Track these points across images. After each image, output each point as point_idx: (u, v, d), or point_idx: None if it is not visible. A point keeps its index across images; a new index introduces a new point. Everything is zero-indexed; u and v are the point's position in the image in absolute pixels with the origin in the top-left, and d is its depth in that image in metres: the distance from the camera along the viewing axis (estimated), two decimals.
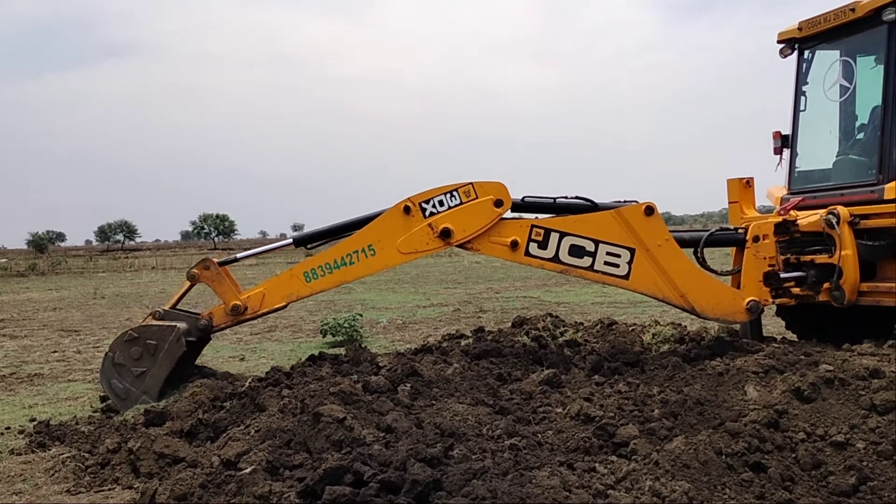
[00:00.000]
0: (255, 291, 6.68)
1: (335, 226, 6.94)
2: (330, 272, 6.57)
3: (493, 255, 6.67)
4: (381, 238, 6.53)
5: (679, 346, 7.15)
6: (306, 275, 6.59)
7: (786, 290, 6.90)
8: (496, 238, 6.59)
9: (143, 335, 6.42)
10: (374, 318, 14.51)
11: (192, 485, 4.22)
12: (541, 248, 6.57)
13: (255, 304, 6.63)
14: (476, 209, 6.54)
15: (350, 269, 6.56)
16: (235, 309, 6.57)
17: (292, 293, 6.64)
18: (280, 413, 5.05)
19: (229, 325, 6.73)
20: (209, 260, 6.76)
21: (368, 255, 6.53)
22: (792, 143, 8.02)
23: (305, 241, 7.03)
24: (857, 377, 4.61)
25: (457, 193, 6.54)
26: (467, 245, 6.62)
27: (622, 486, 3.86)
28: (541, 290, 19.85)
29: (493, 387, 5.86)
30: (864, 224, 6.65)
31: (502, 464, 4.10)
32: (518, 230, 6.59)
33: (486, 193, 6.55)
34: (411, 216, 6.52)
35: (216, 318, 6.65)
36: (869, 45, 7.37)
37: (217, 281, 6.67)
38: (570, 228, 6.56)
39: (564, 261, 6.56)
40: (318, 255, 6.72)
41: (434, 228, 6.50)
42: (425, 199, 6.55)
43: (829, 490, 3.82)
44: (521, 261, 6.64)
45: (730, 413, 4.56)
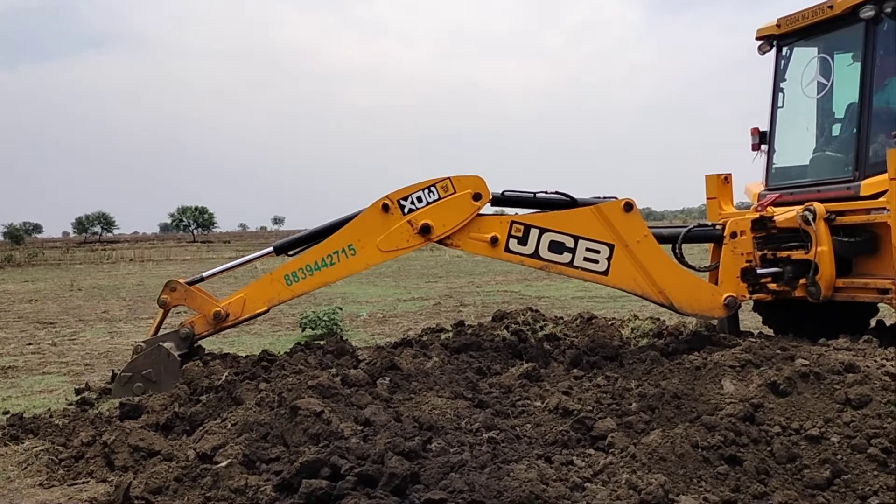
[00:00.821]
0: (235, 297, 6.65)
1: (315, 230, 6.91)
2: (311, 274, 6.53)
3: (473, 251, 6.66)
4: (360, 237, 6.50)
5: (657, 341, 7.19)
6: (287, 278, 6.55)
7: (762, 286, 6.95)
8: (476, 234, 6.58)
9: (136, 370, 6.42)
10: (355, 311, 14.48)
11: (168, 478, 4.20)
12: (521, 244, 6.56)
13: (237, 309, 6.62)
14: (455, 204, 6.52)
15: (331, 269, 6.53)
16: (217, 316, 6.55)
17: (273, 297, 6.63)
18: (257, 406, 5.02)
19: (212, 332, 6.71)
20: (173, 281, 6.75)
21: (349, 255, 6.50)
22: (770, 139, 8.08)
23: (286, 248, 6.98)
24: (833, 371, 4.64)
25: (434, 189, 6.52)
26: (447, 241, 6.60)
27: (599, 479, 3.88)
28: (522, 284, 19.89)
29: (472, 380, 5.86)
30: (840, 220, 6.70)
31: (480, 457, 4.11)
32: (498, 226, 6.58)
33: (464, 187, 6.53)
34: (390, 214, 6.50)
35: (198, 326, 6.64)
36: (846, 42, 7.43)
37: (189, 298, 6.68)
38: (550, 224, 6.56)
39: (544, 257, 6.56)
40: (297, 257, 6.68)
41: (413, 225, 6.48)
42: (403, 196, 6.52)
43: (804, 483, 3.85)
44: (501, 257, 6.62)
45: (706, 407, 4.59)
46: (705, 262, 7.28)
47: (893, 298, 6.26)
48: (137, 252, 53.91)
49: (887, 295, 6.36)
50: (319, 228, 6.86)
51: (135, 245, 73.27)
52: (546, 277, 21.05)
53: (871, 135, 6.96)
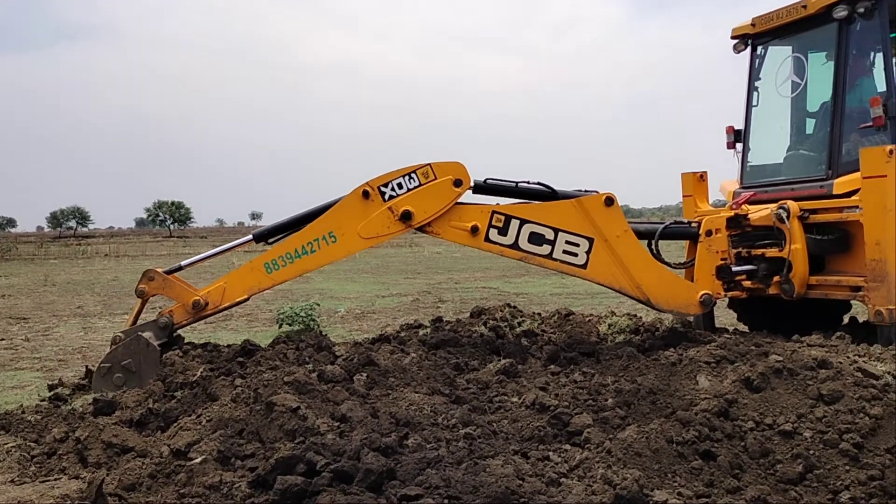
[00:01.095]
0: (214, 286, 6.56)
1: (294, 217, 6.82)
2: (291, 262, 6.47)
3: (453, 239, 6.63)
4: (341, 224, 6.45)
5: (634, 337, 7.22)
6: (267, 266, 6.49)
7: (737, 284, 7.02)
8: (457, 223, 6.56)
9: (115, 360, 6.31)
10: (333, 307, 14.43)
11: (141, 475, 4.16)
12: (501, 234, 6.55)
13: (216, 298, 6.52)
14: (435, 190, 6.49)
15: (311, 257, 6.48)
16: (196, 305, 6.45)
17: (253, 286, 6.55)
18: (232, 402, 4.99)
19: (191, 321, 6.62)
20: (152, 271, 6.63)
21: (329, 242, 6.44)
22: (744, 137, 8.17)
23: (265, 235, 6.90)
24: (806, 367, 4.69)
25: (415, 175, 6.48)
26: (427, 229, 6.57)
27: (575, 474, 3.90)
28: (500, 280, 19.93)
29: (449, 376, 5.87)
30: (814, 218, 6.78)
31: (457, 453, 4.11)
32: (479, 216, 6.56)
33: (445, 174, 6.51)
34: (370, 201, 6.45)
35: (177, 315, 6.54)
36: (820, 41, 7.52)
37: (167, 287, 6.56)
38: (530, 216, 6.56)
39: (524, 248, 6.55)
40: (277, 245, 6.61)
41: (394, 212, 6.44)
42: (384, 183, 6.47)
43: (777, 478, 3.90)
44: (480, 246, 6.61)
45: (681, 402, 4.63)
46: (681, 259, 7.34)
47: (866, 296, 6.35)
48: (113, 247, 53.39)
49: (859, 292, 6.45)
50: (299, 216, 6.79)
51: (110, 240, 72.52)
52: (525, 273, 21.11)
53: (844, 134, 7.06)
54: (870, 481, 3.77)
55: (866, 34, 7.09)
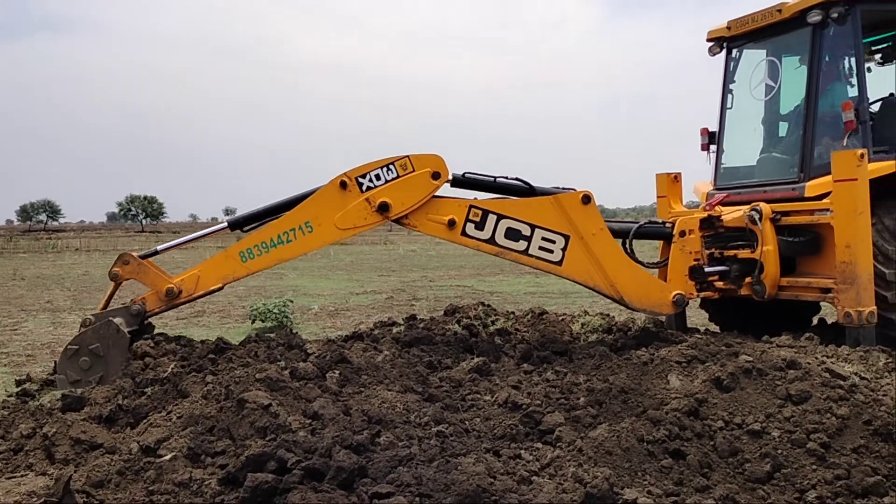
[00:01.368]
0: (188, 274, 6.48)
1: (270, 206, 6.76)
2: (266, 251, 6.41)
3: (429, 232, 6.61)
4: (317, 214, 6.40)
5: (607, 336, 7.25)
6: (242, 255, 6.42)
7: (710, 284, 7.07)
8: (434, 216, 6.53)
9: (84, 343, 6.20)
10: (306, 304, 14.37)
11: (110, 471, 4.11)
12: (478, 228, 6.54)
13: (190, 286, 6.44)
14: (413, 182, 6.46)
15: (287, 247, 6.42)
16: (170, 292, 6.37)
17: (228, 274, 6.48)
18: (204, 399, 4.94)
19: (163, 309, 6.53)
20: (127, 254, 6.53)
21: (306, 232, 6.39)
22: (718, 139, 8.23)
23: (240, 223, 6.82)
24: (775, 368, 4.74)
25: (393, 167, 6.44)
26: (404, 221, 6.54)
27: (546, 473, 3.91)
28: (475, 279, 19.95)
29: (422, 374, 5.85)
30: (786, 221, 6.86)
31: (429, 450, 4.10)
32: (456, 209, 6.55)
33: (424, 166, 6.48)
34: (348, 191, 6.40)
35: (149, 302, 6.44)
36: (794, 45, 7.60)
37: (141, 272, 6.46)
38: (508, 211, 6.56)
39: (500, 243, 6.55)
40: (252, 234, 6.55)
41: (371, 203, 6.40)
42: (361, 174, 6.43)
43: (745, 477, 3.94)
44: (457, 240, 6.59)
45: (652, 401, 4.66)
46: (654, 259, 7.39)
47: (835, 297, 6.43)
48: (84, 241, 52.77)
49: (829, 294, 6.53)
50: (275, 204, 6.73)
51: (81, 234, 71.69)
52: (499, 272, 21.15)
53: (817, 137, 7.14)
54: (836, 480, 3.82)
55: (839, 39, 7.18)
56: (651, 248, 7.62)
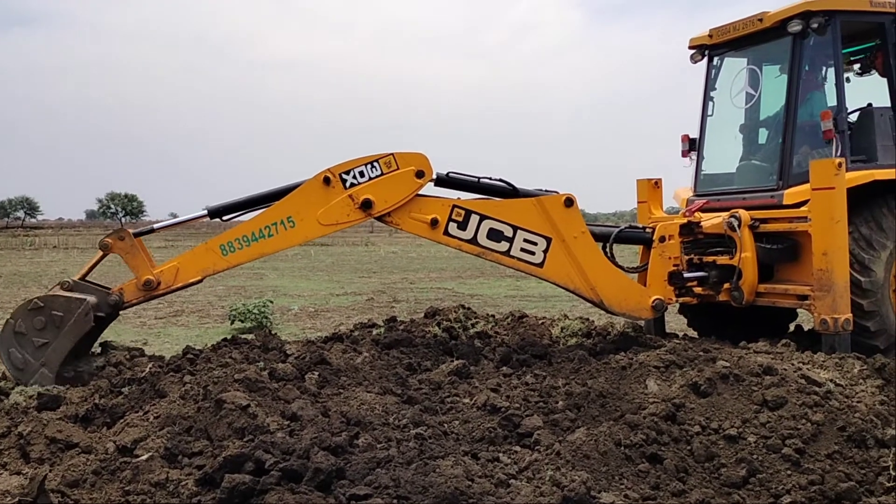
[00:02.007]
0: (168, 265, 6.39)
1: (252, 197, 6.70)
2: (248, 245, 6.36)
3: (412, 231, 6.60)
4: (300, 209, 6.37)
5: (586, 340, 7.29)
6: (223, 248, 6.36)
7: (688, 290, 7.12)
8: (417, 214, 6.53)
9: (50, 305, 6.04)
10: (286, 304, 14.31)
11: (85, 471, 4.08)
12: (460, 228, 6.55)
13: (169, 278, 6.36)
14: (397, 180, 6.45)
15: (269, 241, 6.37)
16: (148, 284, 6.26)
17: (208, 267, 6.41)
18: (181, 399, 4.91)
19: (141, 300, 6.42)
20: (124, 230, 6.42)
21: (288, 226, 6.36)
22: (699, 146, 8.29)
23: (221, 212, 6.75)
24: (752, 374, 4.79)
25: (377, 164, 6.43)
26: (387, 219, 6.53)
27: (524, 476, 3.92)
28: (455, 282, 19.95)
29: (402, 376, 5.85)
30: (764, 228, 6.92)
31: (407, 453, 4.11)
32: (439, 209, 6.55)
33: (408, 164, 6.47)
34: (331, 187, 6.38)
35: (127, 293, 6.31)
36: (774, 54, 7.67)
37: (131, 253, 6.33)
38: (490, 212, 6.57)
39: (482, 244, 6.56)
40: (234, 227, 6.48)
41: (355, 199, 6.39)
42: (345, 170, 6.41)
43: (721, 482, 3.97)
44: (439, 239, 6.59)
45: (630, 406, 4.69)
46: (634, 263, 7.43)
47: (812, 304, 6.50)
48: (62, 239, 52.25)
49: (806, 301, 6.60)
50: (257, 195, 6.68)
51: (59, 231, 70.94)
52: (480, 275, 21.17)
53: (795, 146, 7.21)
54: (810, 486, 3.86)
55: (819, 49, 7.26)
56: (630, 252, 7.67)
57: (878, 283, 6.60)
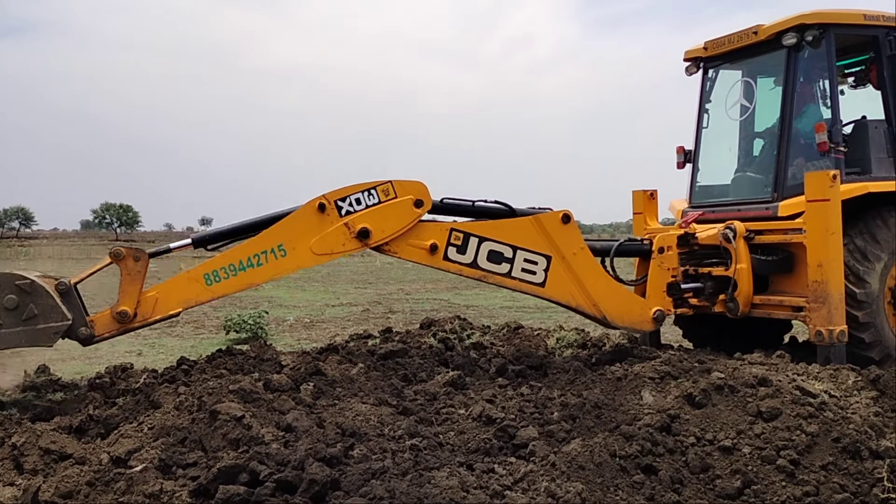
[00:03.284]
0: (146, 295, 5.88)
1: (240, 225, 6.36)
2: (234, 274, 5.96)
3: (411, 259, 6.39)
4: (292, 237, 6.05)
5: (581, 352, 7.30)
6: (207, 277, 5.92)
7: (685, 300, 7.13)
8: (415, 241, 6.32)
9: (35, 296, 5.53)
10: (281, 315, 14.30)
11: (79, 482, 4.06)
12: (460, 252, 6.37)
13: (147, 309, 5.86)
14: (395, 209, 6.22)
15: (257, 270, 5.99)
16: (123, 315, 5.76)
17: (190, 298, 5.97)
18: (176, 410, 4.90)
19: (114, 333, 5.89)
20: (143, 252, 5.93)
21: (278, 255, 6.00)
22: (694, 158, 8.33)
23: (206, 241, 6.38)
24: (746, 385, 4.79)
25: (375, 192, 6.19)
26: (385, 248, 6.28)
27: (519, 487, 3.91)
28: (451, 292, 19.95)
29: (397, 387, 5.84)
30: (759, 239, 6.95)
31: (402, 464, 4.10)
32: (437, 233, 6.35)
33: (406, 193, 6.26)
34: (326, 215, 6.11)
35: (99, 325, 5.80)
36: (769, 67, 7.72)
37: (133, 277, 5.84)
38: (489, 233, 6.43)
39: (483, 267, 6.40)
40: (220, 255, 6.10)
41: (351, 228, 6.12)
42: (341, 197, 6.14)
43: (716, 493, 3.96)
44: (439, 265, 6.39)
45: (626, 417, 4.69)
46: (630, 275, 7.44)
47: (807, 316, 6.51)
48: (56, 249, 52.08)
49: (801, 312, 6.61)
50: (245, 224, 6.34)
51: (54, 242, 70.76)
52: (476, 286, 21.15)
53: (790, 158, 7.24)
54: (805, 497, 3.86)
55: (813, 62, 7.30)
56: (626, 264, 7.67)
57: (873, 294, 6.62)
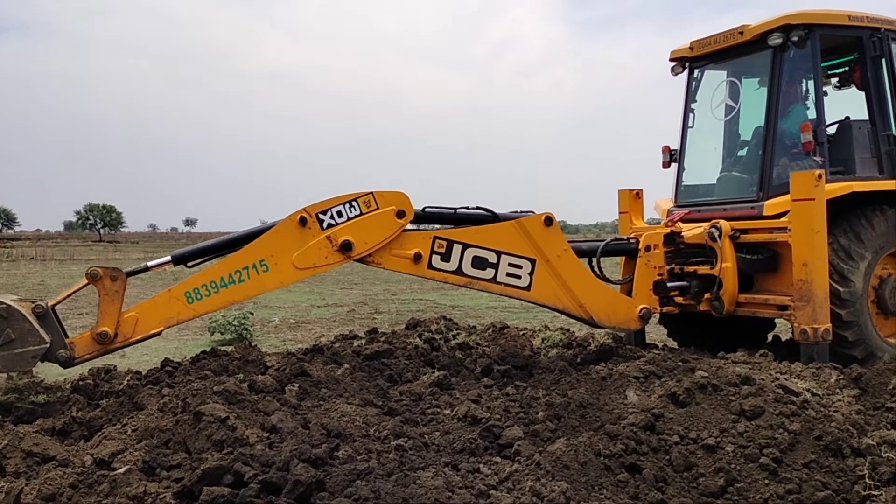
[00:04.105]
0: (126, 315, 5.79)
1: (219, 241, 6.30)
2: (216, 291, 5.88)
3: (395, 269, 6.35)
4: (274, 252, 5.96)
5: (567, 351, 7.31)
6: (188, 295, 5.84)
7: (671, 299, 7.16)
8: (398, 251, 6.27)
9: (11, 320, 5.43)
10: (266, 316, 14.24)
11: (62, 484, 4.03)
12: (444, 260, 6.34)
13: (127, 330, 5.76)
14: (377, 220, 6.17)
15: (240, 287, 5.91)
16: (103, 336, 5.67)
17: (171, 317, 5.86)
18: (159, 412, 4.89)
19: (94, 355, 5.77)
20: (120, 272, 5.83)
21: (260, 271, 5.92)
22: (679, 158, 8.36)
23: (186, 258, 6.26)
24: (730, 384, 4.81)
25: (356, 204, 6.13)
26: (368, 259, 6.23)
27: (504, 487, 3.91)
28: (437, 293, 19.94)
29: (383, 388, 5.84)
30: (744, 238, 6.98)
31: (387, 464, 4.09)
32: (421, 242, 6.31)
33: (388, 204, 6.20)
34: (307, 228, 6.03)
35: (79, 347, 5.69)
36: (754, 67, 7.76)
37: (111, 298, 5.76)
38: (472, 240, 6.40)
39: (468, 273, 6.38)
40: (201, 272, 6.02)
41: (333, 241, 6.05)
42: (322, 210, 6.08)
43: (699, 491, 3.98)
44: (424, 274, 6.36)
45: (610, 416, 4.70)
46: (616, 274, 7.47)
47: (791, 314, 6.55)
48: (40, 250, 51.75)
49: (786, 311, 6.65)
50: (225, 240, 6.27)
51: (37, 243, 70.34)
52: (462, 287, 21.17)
53: (775, 157, 7.28)
54: (787, 495, 3.88)
55: (798, 62, 7.35)
56: (612, 263, 7.69)
57: (857, 293, 6.67)
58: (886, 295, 6.91)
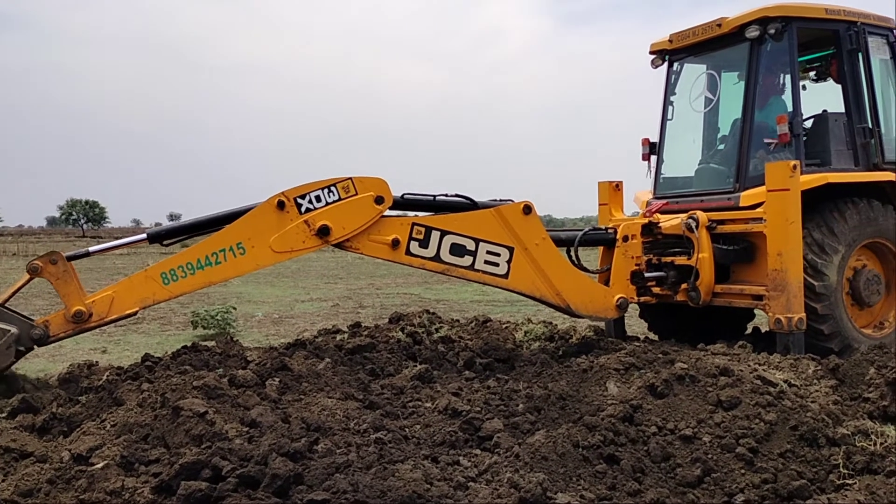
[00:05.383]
0: (102, 295, 5.79)
1: (197, 221, 6.28)
2: (192, 273, 5.88)
3: (373, 254, 6.39)
4: (251, 235, 5.98)
5: (549, 344, 7.34)
6: (164, 276, 5.83)
7: (648, 289, 7.22)
8: (376, 237, 6.31)
9: None
10: (250, 311, 14.21)
11: (39, 480, 4.01)
12: (422, 246, 6.38)
13: (102, 309, 5.74)
14: (356, 206, 6.20)
15: (216, 269, 5.91)
16: (78, 315, 5.64)
17: (147, 297, 5.85)
18: (139, 407, 4.86)
19: (70, 333, 5.76)
20: (57, 253, 5.77)
21: (237, 253, 5.93)
22: (659, 150, 8.41)
23: (161, 236, 6.29)
24: (707, 375, 4.85)
25: (335, 189, 6.16)
26: (346, 244, 6.27)
27: (483, 479, 3.93)
28: (422, 287, 19.96)
29: (364, 382, 5.84)
30: (721, 229, 7.05)
31: (367, 458, 4.10)
32: (399, 228, 6.35)
33: (367, 190, 6.23)
34: (285, 212, 6.05)
35: (53, 326, 5.67)
36: (732, 60, 7.82)
37: (63, 279, 5.69)
38: (451, 227, 6.44)
39: (446, 260, 6.42)
40: (178, 253, 6.02)
41: (311, 226, 6.08)
42: (301, 194, 6.09)
43: (676, 481, 4.01)
44: (402, 260, 6.40)
45: (589, 408, 4.73)
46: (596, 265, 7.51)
47: (767, 304, 6.61)
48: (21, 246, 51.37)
49: (761, 301, 6.71)
50: (202, 220, 6.25)
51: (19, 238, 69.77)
52: (446, 281, 21.19)
53: (752, 149, 7.34)
54: (763, 484, 3.92)
55: (776, 55, 7.40)
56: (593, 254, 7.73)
57: (832, 287, 6.74)
58: (861, 287, 7.00)
